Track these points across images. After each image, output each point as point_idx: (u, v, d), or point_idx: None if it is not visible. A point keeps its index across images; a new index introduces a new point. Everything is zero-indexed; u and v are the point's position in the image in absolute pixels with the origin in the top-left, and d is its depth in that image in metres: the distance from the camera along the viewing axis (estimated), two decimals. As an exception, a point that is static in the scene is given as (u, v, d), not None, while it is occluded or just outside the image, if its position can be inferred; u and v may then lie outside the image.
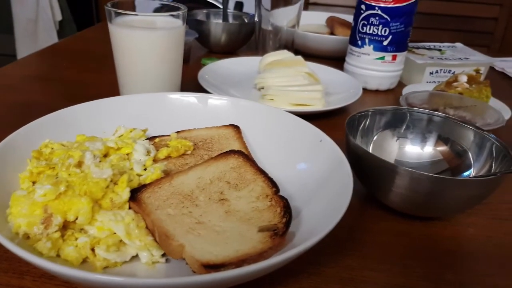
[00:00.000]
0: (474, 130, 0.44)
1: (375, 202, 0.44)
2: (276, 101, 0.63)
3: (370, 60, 0.74)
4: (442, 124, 0.46)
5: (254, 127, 0.49)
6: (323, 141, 0.43)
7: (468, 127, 0.44)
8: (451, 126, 0.45)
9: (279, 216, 0.34)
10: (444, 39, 2.10)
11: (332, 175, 0.39)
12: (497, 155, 0.41)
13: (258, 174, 0.38)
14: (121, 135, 0.45)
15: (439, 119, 0.46)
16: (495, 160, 0.41)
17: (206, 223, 0.32)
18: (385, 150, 0.46)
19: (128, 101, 0.48)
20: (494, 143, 0.42)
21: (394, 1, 0.69)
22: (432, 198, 0.38)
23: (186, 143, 0.43)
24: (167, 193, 0.35)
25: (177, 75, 0.57)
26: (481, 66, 0.79)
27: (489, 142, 0.42)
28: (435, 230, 0.41)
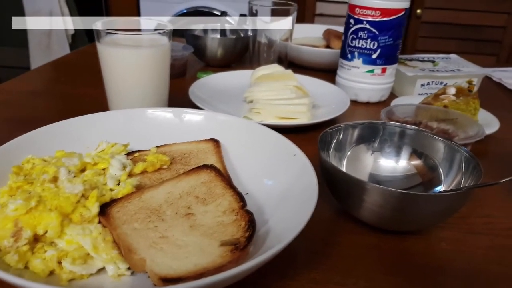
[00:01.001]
0: (446, 143, 0.44)
1: (349, 216, 0.44)
2: (263, 114, 0.64)
3: (360, 73, 0.75)
4: (415, 137, 0.46)
5: (232, 141, 0.50)
6: (296, 155, 0.44)
7: (440, 140, 0.45)
8: (424, 139, 0.46)
9: (242, 231, 0.35)
10: (452, 48, 2.10)
11: (299, 190, 0.40)
12: (467, 167, 0.41)
13: (228, 189, 0.39)
14: (102, 150, 0.46)
15: (412, 132, 0.46)
16: (465, 172, 0.41)
17: (170, 237, 0.34)
18: (360, 164, 0.47)
19: (111, 116, 0.50)
20: (465, 155, 0.42)
21: (382, 15, 0.69)
22: (400, 213, 0.38)
23: (163, 157, 0.44)
24: (135, 207, 0.36)
25: (163, 91, 0.58)
26: (473, 77, 0.79)
27: (460, 154, 0.43)
28: (406, 244, 0.42)
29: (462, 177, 0.42)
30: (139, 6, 2.28)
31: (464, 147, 0.43)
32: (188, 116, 0.52)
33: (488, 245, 0.42)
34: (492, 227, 0.45)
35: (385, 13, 0.69)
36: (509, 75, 0.97)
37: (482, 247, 0.42)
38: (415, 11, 2.01)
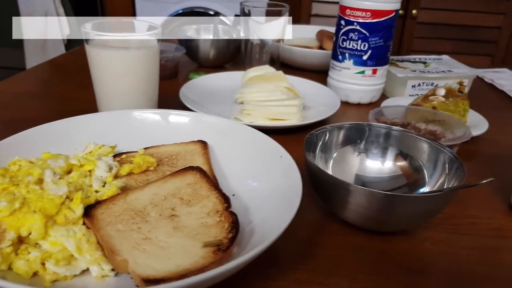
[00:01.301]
0: (431, 144, 0.45)
1: (335, 217, 0.45)
2: (253, 115, 0.64)
3: (351, 74, 0.75)
4: (400, 139, 0.46)
5: (220, 143, 0.50)
6: (283, 157, 0.45)
7: (424, 141, 0.45)
8: (409, 140, 0.46)
9: (226, 232, 0.35)
10: (448, 48, 2.10)
11: (284, 191, 0.40)
12: (451, 168, 0.42)
13: (212, 190, 0.39)
14: (90, 151, 0.47)
15: (398, 133, 0.47)
16: (449, 173, 0.42)
17: (153, 238, 0.34)
18: (346, 166, 0.47)
19: (99, 118, 0.50)
20: (449, 156, 0.43)
21: (372, 17, 0.70)
22: (383, 214, 0.39)
23: (149, 159, 0.44)
24: (120, 209, 0.37)
25: (153, 92, 0.59)
26: (464, 78, 0.79)
27: (444, 155, 0.43)
28: (391, 245, 0.42)
29: (446, 178, 0.42)
30: (135, 6, 2.28)
31: (448, 148, 0.44)
32: (176, 118, 0.52)
33: (472, 246, 0.43)
34: (477, 228, 0.46)
35: (376, 14, 0.70)
36: (501, 76, 0.98)
37: (466, 247, 0.43)
38: (411, 12, 2.01)
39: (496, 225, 0.46)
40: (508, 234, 0.45)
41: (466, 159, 0.60)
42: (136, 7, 2.30)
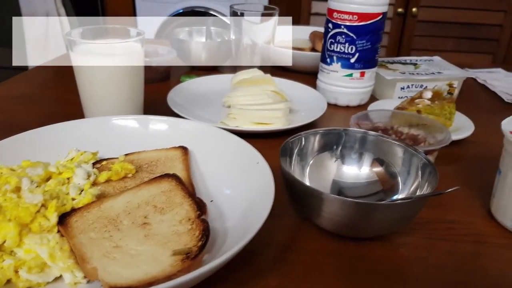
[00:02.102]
0: (405, 149, 0.45)
1: (313, 223, 0.45)
2: (239, 119, 0.65)
3: (339, 77, 0.75)
4: (376, 144, 0.47)
5: (201, 148, 0.51)
6: (259, 163, 0.45)
7: (399, 146, 0.45)
8: (384, 145, 0.46)
9: (196, 240, 0.35)
10: (449, 46, 2.09)
11: (258, 198, 0.41)
12: (424, 174, 0.42)
13: (186, 198, 0.40)
14: (72, 158, 0.48)
15: (373, 138, 0.47)
16: (422, 178, 0.42)
17: (123, 246, 0.35)
18: (324, 171, 0.47)
19: (82, 125, 0.51)
20: (423, 161, 0.43)
21: (359, 20, 0.70)
22: (355, 221, 0.39)
23: (128, 166, 0.45)
24: (94, 217, 0.37)
25: (137, 97, 0.59)
26: (454, 80, 0.79)
27: (418, 161, 0.43)
28: (366, 250, 0.42)
29: (419, 183, 0.42)
30: (135, 6, 2.29)
31: (423, 153, 0.44)
32: (157, 124, 0.53)
33: (447, 251, 0.43)
34: (454, 233, 0.46)
35: (362, 17, 0.70)
36: (495, 76, 0.98)
37: (441, 253, 0.43)
38: (411, 10, 2.00)
39: (474, 231, 0.47)
40: (486, 239, 0.45)
41: (450, 162, 0.61)
42: (136, 7, 2.31)
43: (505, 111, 0.80)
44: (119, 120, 0.53)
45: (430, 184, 0.42)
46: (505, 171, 0.46)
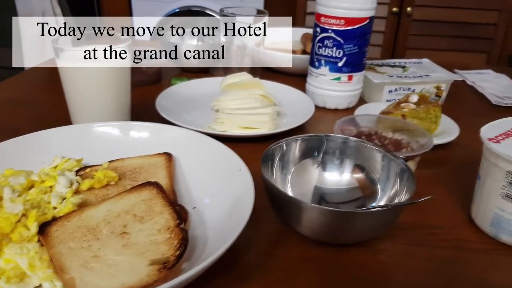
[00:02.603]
0: (385, 155, 0.45)
1: (293, 229, 0.46)
2: (226, 124, 0.65)
3: (327, 81, 0.75)
4: (357, 149, 0.47)
5: (185, 154, 0.51)
6: (241, 170, 0.46)
7: (379, 152, 0.46)
8: (365, 150, 0.47)
9: (174, 249, 0.36)
10: (444, 45, 2.09)
11: (239, 206, 0.41)
12: (402, 180, 0.43)
13: (167, 206, 0.40)
14: (56, 165, 0.48)
15: (354, 143, 0.47)
16: (401, 184, 0.43)
17: (102, 256, 0.35)
18: (306, 177, 0.48)
19: (66, 131, 0.52)
20: (401, 167, 0.43)
21: (346, 24, 0.70)
22: (332, 229, 0.39)
23: (110, 174, 0.45)
24: (74, 226, 0.38)
25: (124, 103, 0.60)
26: (441, 83, 0.80)
27: (397, 166, 0.44)
28: (346, 257, 0.43)
29: (397, 190, 0.43)
30: (131, 5, 2.28)
31: (402, 159, 0.44)
32: (142, 130, 0.53)
33: (426, 257, 0.44)
34: (434, 239, 0.46)
35: (349, 22, 0.70)
36: (484, 78, 0.98)
37: (420, 259, 0.43)
38: (406, 9, 2.00)
39: (455, 236, 0.47)
40: (466, 245, 0.46)
41: (434, 166, 0.61)
42: (132, 6, 2.31)
43: (492, 114, 0.80)
44: (104, 127, 0.53)
45: (408, 190, 0.42)
46: (484, 177, 0.47)
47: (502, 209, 0.44)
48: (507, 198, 0.43)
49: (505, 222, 0.44)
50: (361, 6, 0.69)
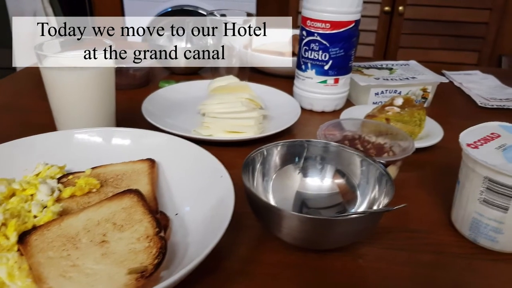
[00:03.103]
0: (364, 159, 0.46)
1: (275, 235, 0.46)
2: (212, 128, 0.65)
3: (314, 84, 0.76)
4: (338, 154, 0.48)
5: (169, 160, 0.52)
6: (223, 177, 0.46)
7: (358, 156, 0.46)
8: (346, 155, 0.48)
9: (152, 258, 0.36)
10: (435, 44, 2.10)
11: (219, 212, 0.42)
12: (381, 183, 0.43)
13: (147, 214, 0.41)
14: (39, 172, 0.48)
15: (335, 148, 0.48)
16: (380, 189, 0.43)
17: (80, 265, 0.35)
18: (288, 183, 0.48)
19: (49, 138, 0.52)
20: (380, 171, 0.44)
21: (332, 28, 0.71)
22: (311, 235, 0.40)
23: (92, 181, 0.46)
24: (53, 235, 0.38)
25: (109, 108, 0.60)
26: (427, 85, 0.80)
27: (376, 171, 0.44)
28: (325, 262, 0.43)
29: (377, 195, 0.43)
30: (123, 5, 2.28)
31: (381, 163, 0.45)
32: (125, 136, 0.53)
33: (404, 261, 0.44)
34: (413, 243, 0.47)
35: (335, 25, 0.70)
36: (472, 79, 0.99)
37: (398, 263, 0.44)
38: (397, 8, 2.01)
39: (434, 240, 0.48)
40: (444, 249, 0.46)
41: (417, 168, 0.62)
42: (124, 5, 2.30)
43: (478, 115, 0.81)
44: (87, 133, 0.53)
45: (387, 195, 0.43)
46: (463, 182, 0.47)
47: (480, 213, 0.45)
48: (485, 203, 0.44)
49: (483, 226, 0.45)
50: (346, 9, 0.70)
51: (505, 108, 0.83)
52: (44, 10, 2.27)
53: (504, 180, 0.42)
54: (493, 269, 0.44)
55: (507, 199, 0.42)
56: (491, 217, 0.44)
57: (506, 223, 0.43)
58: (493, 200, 0.43)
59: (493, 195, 0.43)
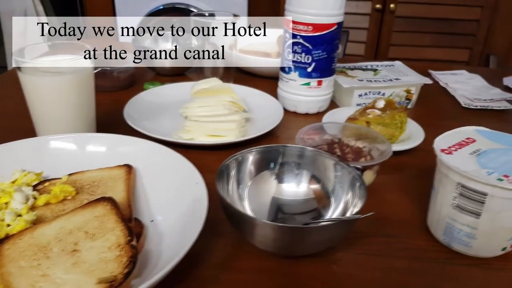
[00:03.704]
0: (339, 164, 0.47)
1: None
2: (193, 132, 0.65)
3: (297, 86, 0.76)
4: (313, 159, 0.48)
5: (146, 166, 0.52)
6: (198, 184, 0.46)
7: (333, 160, 0.47)
8: (321, 160, 0.48)
9: (122, 267, 0.36)
10: (427, 42, 2.10)
11: (193, 220, 0.42)
12: (354, 189, 0.44)
13: (119, 223, 0.41)
14: (15, 179, 0.48)
15: (311, 153, 0.48)
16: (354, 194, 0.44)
17: (51, 275, 0.35)
18: (264, 188, 0.48)
19: (25, 145, 0.52)
20: (353, 175, 0.44)
21: (314, 30, 0.71)
22: (283, 243, 0.40)
23: (67, 189, 0.46)
24: (25, 244, 0.38)
25: (88, 114, 0.60)
26: (411, 86, 0.80)
27: (350, 176, 0.45)
28: (299, 268, 0.44)
29: (350, 201, 0.44)
30: (114, 3, 2.26)
31: (355, 168, 0.45)
32: (101, 141, 0.53)
33: (378, 267, 0.44)
34: (388, 248, 0.47)
35: (317, 28, 0.70)
36: (458, 79, 0.99)
37: (371, 269, 0.44)
38: (389, 6, 2.01)
39: (409, 245, 0.48)
40: (419, 254, 0.46)
41: (396, 171, 0.62)
42: (115, 4, 2.29)
43: (461, 116, 0.82)
44: (63, 139, 0.53)
45: (360, 200, 0.43)
46: (437, 187, 0.48)
47: (453, 219, 0.45)
48: (458, 209, 0.44)
49: (456, 231, 0.46)
50: (328, 12, 0.70)
51: (489, 109, 0.84)
52: (34, 8, 2.26)
53: (476, 186, 0.42)
54: (467, 274, 0.44)
55: (480, 205, 0.43)
56: (464, 222, 0.44)
57: (479, 228, 0.44)
58: (465, 205, 0.44)
59: (465, 201, 0.43)
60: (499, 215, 0.43)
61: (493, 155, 0.46)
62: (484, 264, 0.45)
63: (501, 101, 0.86)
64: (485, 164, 0.44)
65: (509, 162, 0.44)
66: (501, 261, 0.46)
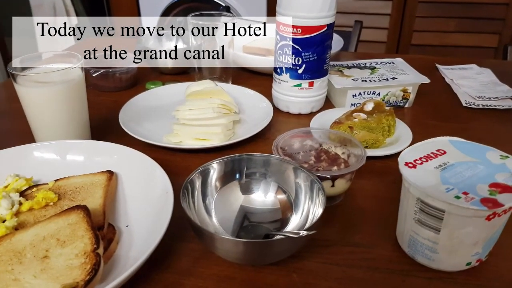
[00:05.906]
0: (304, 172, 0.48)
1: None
2: (182, 135, 0.68)
3: (289, 87, 0.77)
4: (279, 168, 0.50)
5: (126, 172, 0.55)
6: (168, 193, 0.49)
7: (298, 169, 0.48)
8: (286, 169, 0.49)
9: (85, 274, 0.40)
10: (452, 27, 2.02)
11: (156, 228, 0.45)
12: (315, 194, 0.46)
13: (89, 231, 0.44)
14: (7, 184, 0.52)
15: (276, 161, 0.50)
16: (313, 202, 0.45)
17: (21, 280, 0.39)
18: (232, 198, 0.50)
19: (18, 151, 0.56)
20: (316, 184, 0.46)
21: (303, 33, 0.71)
22: (243, 255, 0.42)
23: (50, 195, 0.49)
24: (3, 249, 0.42)
25: (81, 119, 0.63)
26: (407, 86, 0.79)
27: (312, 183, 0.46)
28: (261, 276, 0.45)
29: (309, 209, 0.45)
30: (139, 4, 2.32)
31: (315, 175, 0.47)
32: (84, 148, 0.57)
33: (337, 277, 0.45)
34: (352, 257, 0.48)
35: (306, 30, 0.70)
36: (466, 74, 0.96)
37: (331, 279, 0.45)
38: (412, -10, 1.94)
39: (374, 255, 0.48)
40: (381, 265, 0.47)
41: (375, 176, 0.61)
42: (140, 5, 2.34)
43: (459, 117, 0.79)
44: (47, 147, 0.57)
45: (321, 206, 0.44)
46: (402, 199, 0.48)
47: (416, 232, 0.46)
48: (419, 223, 0.45)
49: (419, 245, 0.46)
50: (317, 14, 0.69)
51: (491, 108, 0.81)
52: (63, 1, 2.34)
53: (433, 202, 0.42)
54: (427, 287, 0.45)
55: (438, 221, 0.43)
56: (425, 236, 0.45)
57: (439, 243, 0.44)
58: (425, 220, 0.44)
59: (425, 216, 0.44)
60: (459, 231, 0.43)
61: (460, 168, 0.45)
62: (448, 278, 0.45)
63: (506, 99, 0.83)
64: (447, 180, 0.43)
65: (473, 177, 0.44)
66: (466, 276, 0.46)
